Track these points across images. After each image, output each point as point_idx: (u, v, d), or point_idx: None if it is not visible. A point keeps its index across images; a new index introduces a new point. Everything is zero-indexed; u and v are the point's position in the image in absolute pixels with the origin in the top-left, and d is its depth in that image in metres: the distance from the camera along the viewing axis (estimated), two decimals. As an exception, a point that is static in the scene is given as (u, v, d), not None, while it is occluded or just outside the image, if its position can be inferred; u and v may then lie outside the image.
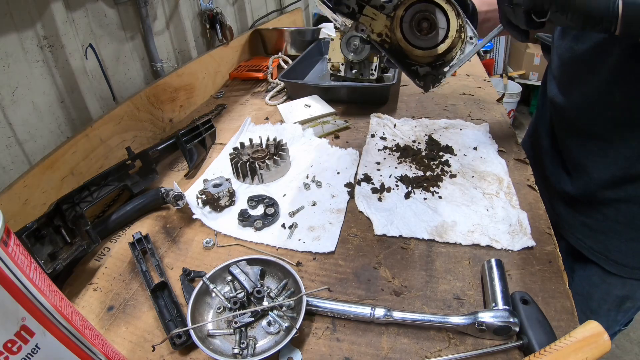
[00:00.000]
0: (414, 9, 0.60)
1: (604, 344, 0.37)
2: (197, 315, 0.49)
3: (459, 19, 0.58)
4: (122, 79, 0.94)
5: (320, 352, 0.46)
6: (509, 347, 0.44)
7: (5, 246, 0.28)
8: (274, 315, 0.49)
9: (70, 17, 0.77)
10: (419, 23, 0.60)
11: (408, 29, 0.61)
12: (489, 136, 0.82)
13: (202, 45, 1.23)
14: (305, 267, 0.57)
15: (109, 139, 0.81)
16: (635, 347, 1.53)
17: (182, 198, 0.66)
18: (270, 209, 0.66)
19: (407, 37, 0.61)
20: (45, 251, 0.56)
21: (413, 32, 0.61)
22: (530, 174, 0.71)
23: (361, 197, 0.68)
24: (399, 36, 0.61)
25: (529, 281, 0.52)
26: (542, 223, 0.61)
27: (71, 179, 0.72)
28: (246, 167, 0.74)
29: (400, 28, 0.61)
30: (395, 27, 0.61)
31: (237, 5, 1.40)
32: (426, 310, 0.50)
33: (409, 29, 0.61)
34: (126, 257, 0.61)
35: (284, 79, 1.07)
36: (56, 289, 0.33)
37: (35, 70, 0.72)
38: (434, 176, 0.71)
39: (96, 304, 0.54)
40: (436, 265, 0.55)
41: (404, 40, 0.61)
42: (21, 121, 0.70)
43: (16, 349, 0.28)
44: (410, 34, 0.61)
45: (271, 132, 0.90)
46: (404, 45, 0.61)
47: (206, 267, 0.58)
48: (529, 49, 2.88)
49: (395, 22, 0.61)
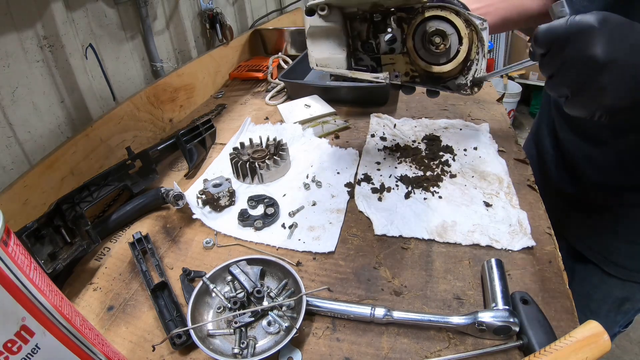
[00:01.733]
0: (418, 33, 0.61)
1: (604, 344, 0.37)
2: (197, 315, 0.49)
3: (460, 15, 0.58)
4: (122, 79, 0.94)
5: (320, 352, 0.46)
6: (509, 347, 0.44)
7: (5, 246, 0.28)
8: (274, 315, 0.49)
9: (70, 17, 0.77)
10: (431, 42, 0.61)
11: (426, 53, 0.62)
12: (489, 136, 0.82)
13: (202, 45, 1.23)
14: (305, 267, 0.57)
15: (109, 139, 0.81)
16: (635, 347, 1.53)
17: (182, 198, 0.66)
18: (270, 209, 0.66)
19: (429, 60, 0.62)
20: (45, 251, 0.56)
21: (432, 53, 0.61)
22: (530, 174, 0.71)
23: (361, 197, 0.68)
24: (422, 64, 0.63)
25: (529, 281, 0.52)
26: (542, 223, 0.61)
27: (71, 179, 0.72)
28: (246, 167, 0.74)
29: (418, 56, 0.63)
30: (414, 58, 0.63)
31: (237, 5, 1.40)
32: (426, 310, 0.50)
33: (427, 53, 0.62)
34: (126, 257, 0.61)
35: (284, 79, 1.07)
36: (56, 289, 0.33)
37: (35, 70, 0.72)
38: (434, 176, 0.71)
39: (96, 304, 0.54)
40: (436, 265, 0.55)
41: (429, 64, 0.63)
42: (21, 121, 0.70)
43: (16, 349, 0.28)
44: (430, 56, 0.62)
45: (271, 132, 0.90)
46: (431, 70, 0.62)
47: (206, 267, 0.58)
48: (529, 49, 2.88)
49: (412, 54, 0.63)
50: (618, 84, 0.39)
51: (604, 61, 0.38)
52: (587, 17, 0.39)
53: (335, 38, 0.63)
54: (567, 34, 0.40)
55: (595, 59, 0.38)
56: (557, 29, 0.41)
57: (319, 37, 0.62)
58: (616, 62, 0.38)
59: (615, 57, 0.38)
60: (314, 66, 0.63)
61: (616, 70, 0.38)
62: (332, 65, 0.63)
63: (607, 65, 0.38)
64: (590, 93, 0.41)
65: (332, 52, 0.63)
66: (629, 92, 0.39)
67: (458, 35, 0.59)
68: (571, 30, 0.40)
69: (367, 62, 0.67)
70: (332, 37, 0.63)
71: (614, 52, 0.38)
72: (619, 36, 0.38)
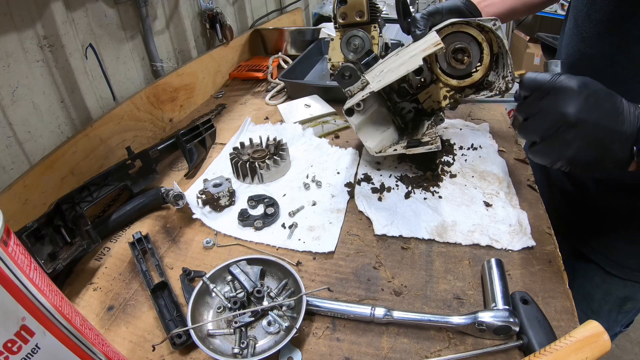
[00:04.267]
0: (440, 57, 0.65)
1: (604, 344, 0.37)
2: (197, 315, 0.49)
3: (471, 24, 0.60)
4: (122, 79, 0.94)
5: (320, 352, 0.46)
6: (509, 347, 0.44)
7: (5, 246, 0.28)
8: (274, 315, 0.49)
9: (70, 17, 0.77)
10: (456, 60, 0.65)
11: (454, 70, 0.66)
12: (489, 136, 0.82)
13: (202, 45, 1.23)
14: (305, 267, 0.57)
15: (109, 138, 0.81)
16: (635, 347, 1.53)
17: (182, 198, 0.66)
18: (270, 208, 0.66)
19: (459, 75, 0.66)
20: (45, 251, 0.56)
21: (459, 69, 0.65)
22: (530, 174, 0.71)
23: (361, 197, 0.68)
24: (454, 83, 0.67)
25: (529, 281, 0.52)
26: (542, 223, 0.61)
27: (71, 179, 0.72)
28: (246, 167, 0.74)
29: (449, 76, 0.66)
30: (446, 80, 0.66)
31: (237, 5, 1.40)
32: (426, 310, 0.50)
33: (454, 70, 0.66)
34: (126, 257, 0.61)
35: (284, 78, 1.07)
36: (56, 288, 0.33)
37: (35, 70, 0.72)
38: (434, 176, 0.71)
39: (96, 303, 0.54)
40: (436, 265, 0.55)
41: (461, 79, 0.67)
42: (21, 121, 0.70)
43: (16, 348, 0.28)
44: (459, 71, 0.66)
45: (271, 131, 0.90)
46: (465, 84, 0.66)
47: (206, 267, 0.58)
48: (529, 48, 2.88)
49: (442, 78, 0.67)
50: (582, 141, 0.43)
51: (574, 119, 0.42)
52: (571, 79, 0.44)
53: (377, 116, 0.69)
54: (549, 87, 0.44)
55: (567, 116, 0.43)
56: (542, 80, 0.45)
57: (365, 127, 0.68)
58: (586, 122, 0.42)
59: (585, 118, 0.42)
60: (374, 154, 0.68)
61: (584, 130, 0.43)
62: (387, 143, 0.68)
63: (576, 124, 0.42)
64: (555, 144, 0.44)
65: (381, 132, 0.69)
66: (592, 150, 0.43)
67: (476, 43, 0.61)
68: (554, 85, 0.44)
69: (408, 107, 0.72)
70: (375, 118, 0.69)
71: (585, 113, 0.42)
72: (594, 101, 0.43)
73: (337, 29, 1.02)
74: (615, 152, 0.43)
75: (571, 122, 0.42)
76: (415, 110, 0.73)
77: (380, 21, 1.01)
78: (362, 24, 0.98)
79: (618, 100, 0.43)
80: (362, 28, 0.98)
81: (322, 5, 1.92)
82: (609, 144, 0.43)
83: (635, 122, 0.42)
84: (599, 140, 0.43)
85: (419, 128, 0.68)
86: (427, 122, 0.67)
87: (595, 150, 0.43)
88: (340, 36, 1.01)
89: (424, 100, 0.70)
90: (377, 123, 0.69)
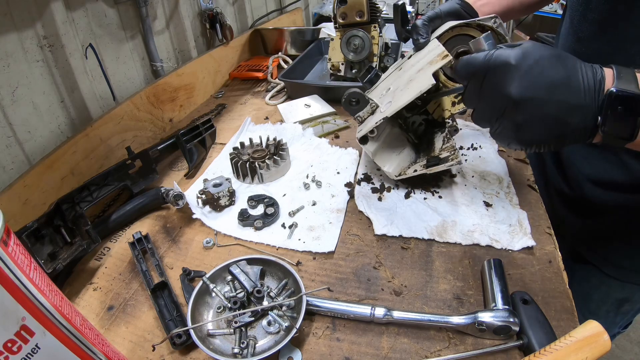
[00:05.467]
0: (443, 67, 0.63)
1: (604, 344, 0.37)
2: (197, 315, 0.49)
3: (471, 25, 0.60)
4: (122, 79, 0.94)
5: (320, 352, 0.46)
6: (509, 347, 0.44)
7: (5, 246, 0.28)
8: (274, 315, 0.49)
9: (70, 17, 0.77)
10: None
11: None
12: (489, 136, 0.82)
13: (202, 45, 1.23)
14: (305, 267, 0.57)
15: (109, 138, 0.81)
16: (635, 347, 1.53)
17: (182, 198, 0.66)
18: (270, 208, 0.66)
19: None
20: (45, 251, 0.55)
21: None
22: (530, 174, 0.71)
23: (361, 197, 0.68)
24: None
25: (529, 281, 0.52)
26: (542, 223, 0.61)
27: (71, 179, 0.72)
28: (246, 167, 0.74)
29: (456, 82, 0.64)
30: (452, 86, 0.65)
31: (237, 5, 1.40)
32: (426, 310, 0.50)
33: None
34: (126, 256, 0.61)
35: (284, 78, 1.07)
36: (56, 288, 0.33)
37: (35, 70, 0.72)
38: (434, 176, 0.71)
39: (96, 303, 0.54)
40: (436, 265, 0.55)
41: None
42: (21, 121, 0.70)
43: (16, 348, 0.28)
44: None
45: (271, 131, 0.90)
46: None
47: (206, 267, 0.58)
48: (529, 48, 2.87)
49: (448, 84, 0.66)
50: (533, 122, 0.38)
51: (518, 100, 0.37)
52: (505, 52, 0.38)
53: (390, 138, 0.69)
54: (484, 70, 0.39)
55: (510, 97, 0.37)
56: (475, 63, 0.40)
57: (381, 152, 0.68)
58: (531, 100, 0.37)
59: (530, 95, 0.36)
60: (394, 177, 0.67)
61: (531, 109, 0.37)
62: (405, 164, 0.68)
63: (521, 104, 0.37)
64: (507, 129, 0.40)
65: (397, 154, 0.69)
66: (549, 129, 0.38)
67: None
68: (488, 66, 0.39)
69: (418, 120, 0.71)
70: (389, 140, 0.68)
71: (529, 90, 0.37)
72: (537, 73, 0.36)
73: (337, 29, 1.02)
74: (576, 126, 0.37)
75: (515, 102, 0.37)
76: (426, 122, 0.72)
77: (380, 21, 1.01)
78: (362, 24, 0.99)
79: (569, 65, 0.37)
80: (362, 28, 0.99)
81: (322, 5, 1.92)
82: (566, 118, 0.37)
83: (594, 87, 0.36)
84: (553, 116, 0.37)
85: (434, 141, 0.67)
86: (442, 134, 0.65)
87: (552, 129, 0.38)
88: (340, 36, 1.01)
89: (433, 111, 0.69)
90: (392, 145, 0.67)
